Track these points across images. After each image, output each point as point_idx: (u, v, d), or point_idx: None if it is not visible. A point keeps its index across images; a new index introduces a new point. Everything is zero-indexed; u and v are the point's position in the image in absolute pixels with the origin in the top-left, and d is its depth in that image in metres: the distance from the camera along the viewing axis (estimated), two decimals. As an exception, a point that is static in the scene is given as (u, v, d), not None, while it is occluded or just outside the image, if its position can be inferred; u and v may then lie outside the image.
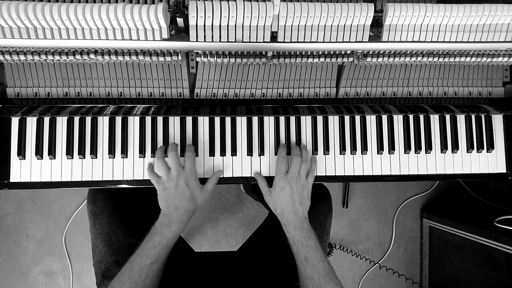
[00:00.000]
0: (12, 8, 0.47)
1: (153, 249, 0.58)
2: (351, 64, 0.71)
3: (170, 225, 0.60)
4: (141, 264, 0.56)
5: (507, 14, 0.52)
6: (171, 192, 0.63)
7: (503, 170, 0.76)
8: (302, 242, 0.61)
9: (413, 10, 0.51)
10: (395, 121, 0.75)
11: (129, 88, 0.68)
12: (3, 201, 1.33)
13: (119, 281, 0.55)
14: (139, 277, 0.55)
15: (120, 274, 0.56)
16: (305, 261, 0.59)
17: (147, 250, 0.58)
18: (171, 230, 0.60)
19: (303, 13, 0.50)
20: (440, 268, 1.36)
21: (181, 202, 0.62)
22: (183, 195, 0.63)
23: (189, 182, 0.64)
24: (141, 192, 0.78)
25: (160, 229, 0.60)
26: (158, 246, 0.58)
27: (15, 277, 1.34)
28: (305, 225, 0.63)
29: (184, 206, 0.62)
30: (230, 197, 1.41)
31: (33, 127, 0.68)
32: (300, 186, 0.66)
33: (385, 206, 1.47)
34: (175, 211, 0.62)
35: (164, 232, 0.60)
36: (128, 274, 0.56)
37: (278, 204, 0.66)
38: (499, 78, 0.75)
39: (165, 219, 0.61)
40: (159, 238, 0.59)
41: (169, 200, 0.63)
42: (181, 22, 0.52)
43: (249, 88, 0.71)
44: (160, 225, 0.61)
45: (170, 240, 0.60)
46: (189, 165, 0.65)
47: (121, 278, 0.56)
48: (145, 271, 0.56)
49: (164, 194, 0.64)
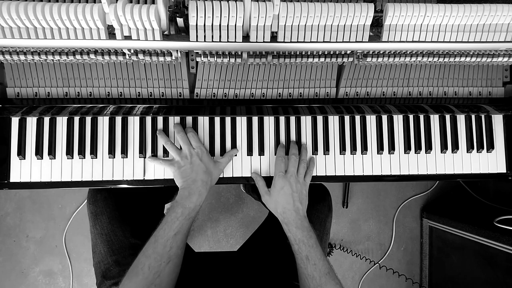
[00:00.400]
0: (12, 8, 0.47)
1: (176, 220, 0.59)
2: (351, 64, 0.71)
3: (190, 196, 0.62)
4: (165, 236, 0.57)
5: (507, 14, 0.52)
6: (187, 169, 0.65)
7: (503, 170, 0.76)
8: (303, 241, 0.61)
9: (413, 10, 0.51)
10: (395, 121, 0.75)
11: (129, 88, 0.68)
12: (3, 201, 1.33)
13: (144, 255, 0.56)
14: (163, 249, 0.56)
15: (144, 249, 0.57)
16: (306, 260, 0.59)
17: (170, 222, 0.59)
18: (191, 201, 0.62)
19: (303, 13, 0.50)
20: (440, 268, 1.36)
21: (198, 175, 0.64)
22: (199, 169, 0.65)
23: (203, 157, 0.66)
24: (141, 192, 0.78)
25: (180, 202, 0.61)
26: (181, 217, 0.59)
27: (15, 277, 1.34)
28: (306, 223, 0.64)
29: (201, 178, 0.64)
30: (230, 197, 1.41)
31: (33, 127, 0.68)
32: (299, 184, 0.67)
33: (385, 206, 1.47)
34: (193, 183, 0.63)
35: (185, 203, 0.61)
36: (153, 247, 0.57)
37: (278, 203, 0.66)
38: (499, 78, 0.75)
39: (184, 192, 0.63)
40: (181, 210, 0.60)
41: (186, 175, 0.65)
42: (181, 22, 0.52)
43: (249, 88, 0.71)
44: (180, 198, 0.62)
45: (191, 211, 0.61)
46: (195, 143, 0.67)
47: (147, 252, 0.56)
48: (169, 243, 0.57)
49: (180, 172, 0.65)
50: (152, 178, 0.70)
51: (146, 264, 0.55)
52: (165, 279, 0.56)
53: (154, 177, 0.70)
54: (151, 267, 0.55)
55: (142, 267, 0.55)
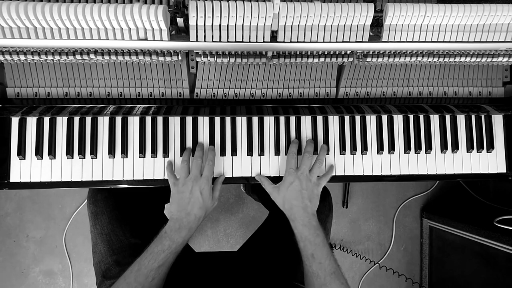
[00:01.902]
0: (12, 8, 0.47)
1: (162, 253, 0.58)
2: (351, 64, 0.71)
3: (180, 230, 0.61)
4: (149, 267, 0.57)
5: (507, 14, 0.52)
6: (185, 198, 0.63)
7: (503, 170, 0.76)
8: (309, 239, 0.60)
9: (413, 10, 0.51)
10: (395, 121, 0.75)
11: (129, 88, 0.68)
12: (3, 201, 1.33)
13: (125, 282, 0.56)
14: (145, 280, 0.56)
15: (126, 275, 0.57)
16: (312, 258, 0.59)
17: (155, 253, 0.58)
18: (180, 236, 0.61)
19: (303, 13, 0.50)
20: (440, 268, 1.36)
21: (192, 208, 0.63)
22: (196, 202, 0.63)
23: (203, 190, 0.64)
24: (141, 192, 0.78)
25: (170, 234, 0.60)
26: (167, 251, 0.59)
27: (15, 277, 1.34)
28: (314, 222, 0.63)
29: (195, 213, 0.63)
30: (230, 197, 1.41)
31: (33, 127, 0.68)
32: (310, 183, 0.66)
33: (385, 206, 1.47)
34: (186, 217, 0.62)
35: (174, 237, 0.60)
36: (135, 276, 0.56)
37: (286, 199, 0.65)
38: (499, 78, 0.75)
39: (175, 224, 0.62)
40: (168, 243, 0.59)
41: (182, 205, 0.63)
42: (181, 22, 0.52)
43: (249, 88, 0.71)
44: (170, 230, 0.61)
45: (178, 245, 0.60)
46: (207, 173, 0.66)
47: (128, 280, 0.56)
48: (152, 274, 0.56)
49: (177, 198, 0.64)
50: (152, 178, 0.70)
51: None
52: None
53: (154, 177, 0.70)
54: None
55: None
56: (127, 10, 0.48)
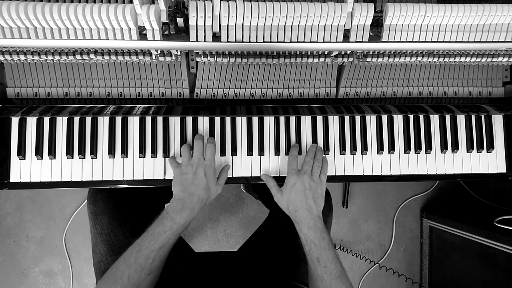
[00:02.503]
0: (12, 8, 0.47)
1: (163, 234, 0.57)
2: (351, 64, 0.71)
3: (182, 210, 0.60)
4: (149, 248, 0.56)
5: (507, 14, 0.52)
6: (188, 178, 0.63)
7: (503, 170, 0.76)
8: (315, 242, 0.59)
9: (413, 10, 0.51)
10: (395, 121, 0.75)
11: (129, 88, 0.68)
12: (3, 201, 1.33)
13: (125, 263, 0.55)
14: (146, 261, 0.55)
15: (126, 256, 0.56)
16: (317, 262, 0.58)
17: (156, 234, 0.57)
18: (183, 216, 0.60)
19: (303, 13, 0.50)
20: (440, 268, 1.36)
21: (196, 189, 0.62)
22: (200, 183, 0.63)
23: (207, 173, 0.64)
24: (141, 192, 0.78)
25: (172, 214, 0.59)
26: (168, 232, 0.58)
27: (15, 277, 1.34)
28: (319, 224, 0.62)
29: (198, 194, 0.62)
30: (230, 197, 1.41)
31: (33, 127, 0.68)
32: (314, 183, 0.65)
33: (385, 206, 1.47)
34: (189, 197, 0.61)
35: (176, 217, 0.59)
36: (135, 257, 0.55)
37: (290, 201, 0.64)
38: (499, 78, 0.75)
39: (177, 204, 0.61)
40: (170, 224, 0.58)
41: (185, 185, 0.62)
42: (181, 22, 0.52)
43: (249, 88, 0.71)
44: (172, 210, 0.60)
45: (180, 227, 0.59)
46: (209, 156, 0.66)
47: (128, 261, 0.55)
48: (152, 256, 0.55)
49: (180, 178, 0.63)
50: (152, 178, 0.70)
51: (126, 273, 0.53)
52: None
53: (154, 177, 0.70)
54: (131, 277, 0.53)
55: (122, 276, 0.53)
56: (126, 10, 0.48)
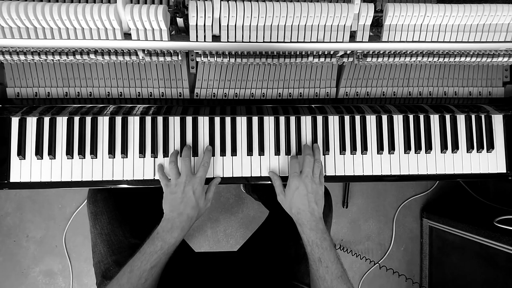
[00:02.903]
0: (12, 8, 0.47)
1: (154, 254, 0.58)
2: (351, 64, 0.71)
3: (172, 230, 0.61)
4: (141, 269, 0.56)
5: (507, 14, 0.52)
6: (177, 198, 0.63)
7: (503, 170, 0.76)
8: (317, 243, 0.60)
9: (413, 10, 0.51)
10: (395, 121, 0.75)
11: (129, 88, 0.68)
12: (3, 201, 1.33)
13: (118, 284, 0.56)
14: (138, 281, 0.55)
15: (119, 277, 0.57)
16: (319, 262, 0.59)
17: (148, 254, 0.58)
18: (173, 236, 0.60)
19: (303, 13, 0.50)
20: (440, 268, 1.36)
21: (185, 208, 0.63)
22: (188, 202, 0.63)
23: (196, 190, 0.64)
24: (141, 192, 0.78)
25: (162, 234, 0.60)
26: (159, 251, 0.58)
27: (15, 277, 1.34)
28: (321, 225, 0.63)
29: (187, 213, 0.63)
30: (230, 197, 1.41)
31: (33, 127, 0.68)
32: (315, 185, 0.66)
33: (385, 206, 1.47)
34: (178, 217, 0.62)
35: (166, 237, 0.60)
36: (128, 277, 0.56)
37: (293, 204, 0.65)
38: (499, 78, 0.75)
39: (167, 224, 0.62)
40: (160, 243, 0.59)
41: (174, 205, 0.63)
42: (181, 22, 0.52)
43: (249, 88, 0.71)
44: (162, 230, 0.61)
45: (171, 246, 0.60)
46: (201, 173, 0.66)
47: (120, 281, 0.56)
48: (145, 276, 0.56)
49: (170, 198, 0.64)
50: (152, 178, 0.70)
51: None
52: None
53: (154, 177, 0.70)
54: None
55: None
56: (126, 10, 0.48)
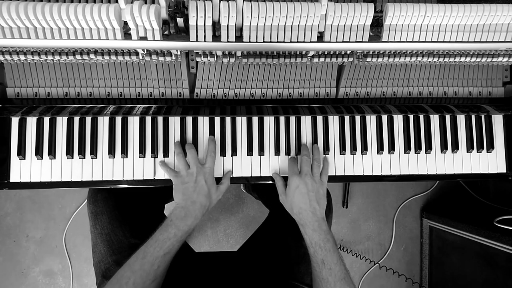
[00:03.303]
0: (12, 8, 0.47)
1: (168, 241, 0.58)
2: (351, 64, 0.71)
3: (186, 218, 0.61)
4: (154, 255, 0.57)
5: (507, 14, 0.52)
6: (190, 187, 0.64)
7: (503, 170, 0.76)
8: (320, 244, 0.60)
9: (413, 10, 0.51)
10: (395, 121, 0.75)
11: (129, 88, 0.68)
12: (3, 201, 1.33)
13: (130, 270, 0.56)
14: (151, 268, 0.56)
15: (131, 263, 0.57)
16: (322, 264, 0.58)
17: (161, 241, 0.58)
18: (186, 224, 0.61)
19: (303, 13, 0.50)
20: (440, 268, 1.36)
21: (198, 197, 0.63)
22: (201, 190, 0.64)
23: (208, 180, 0.65)
24: (141, 192, 0.78)
25: (175, 222, 0.61)
26: (173, 238, 0.59)
27: (15, 277, 1.34)
28: (324, 226, 0.62)
29: (200, 201, 0.63)
30: (230, 197, 1.41)
31: (33, 127, 0.68)
32: (315, 183, 0.66)
33: (385, 206, 1.47)
34: (192, 205, 0.63)
35: (180, 225, 0.60)
36: (141, 263, 0.56)
37: (294, 204, 0.65)
38: (499, 78, 0.75)
39: (181, 212, 0.62)
40: (174, 231, 0.60)
41: (187, 193, 0.64)
42: (181, 22, 0.52)
43: (249, 88, 0.71)
44: (175, 218, 0.61)
45: (184, 233, 0.61)
46: (209, 163, 0.67)
47: (133, 267, 0.56)
48: (158, 262, 0.56)
49: (182, 188, 0.65)
50: (152, 178, 0.70)
51: (131, 279, 0.54)
52: None
53: (154, 177, 0.70)
54: (136, 283, 0.54)
55: (127, 282, 0.54)
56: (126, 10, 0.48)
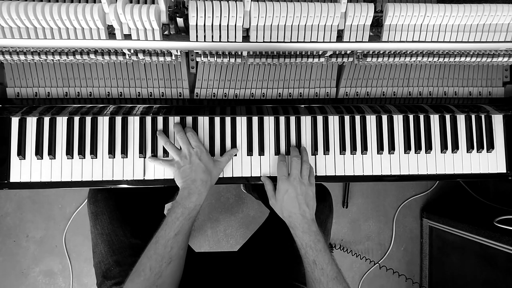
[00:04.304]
0: (12, 8, 0.47)
1: (176, 221, 0.59)
2: (351, 64, 0.71)
3: (190, 196, 0.62)
4: (166, 237, 0.58)
5: (507, 14, 0.52)
6: (186, 169, 0.65)
7: (503, 170, 0.76)
8: (310, 245, 0.60)
9: (413, 10, 0.51)
10: (395, 121, 0.75)
11: (129, 88, 0.68)
12: (3, 201, 1.33)
13: (145, 257, 0.57)
14: (164, 250, 0.57)
15: (146, 251, 0.57)
16: (314, 264, 0.59)
17: (170, 222, 0.59)
18: (191, 201, 0.62)
19: (303, 13, 0.50)
20: (440, 268, 1.36)
21: (197, 174, 0.64)
22: (198, 168, 0.65)
23: (202, 157, 0.66)
24: (142, 192, 0.78)
25: (180, 201, 0.62)
26: (181, 217, 0.60)
27: (15, 277, 1.34)
28: (314, 227, 0.63)
29: (200, 177, 0.64)
30: (230, 197, 1.41)
31: (33, 127, 0.68)
32: (304, 186, 0.66)
33: (385, 206, 1.47)
34: (193, 183, 0.64)
35: (185, 203, 0.61)
36: (154, 248, 0.57)
37: (284, 207, 0.66)
38: (499, 78, 0.75)
39: (184, 192, 0.63)
40: (181, 210, 0.61)
41: (186, 175, 0.65)
42: (181, 22, 0.52)
43: (249, 88, 0.71)
44: (180, 198, 0.62)
45: (192, 211, 0.61)
46: (195, 142, 0.68)
47: (148, 254, 0.57)
48: (170, 244, 0.57)
49: (179, 172, 0.66)
50: (152, 178, 0.70)
51: (147, 265, 0.55)
52: (167, 280, 0.56)
53: (154, 177, 0.70)
54: (152, 268, 0.55)
55: (144, 268, 0.55)
56: (126, 10, 0.48)
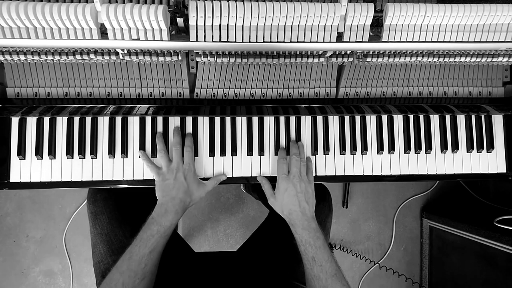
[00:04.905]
0: (12, 8, 0.47)
1: (151, 238, 0.59)
2: (351, 64, 0.71)
3: (166, 214, 0.62)
4: (140, 254, 0.57)
5: (507, 14, 0.52)
6: (169, 184, 0.64)
7: (503, 170, 0.76)
8: (310, 242, 0.61)
9: (413, 10, 0.51)
10: (395, 121, 0.75)
11: (129, 88, 0.68)
12: (3, 201, 1.33)
13: (117, 272, 0.56)
14: (138, 266, 0.56)
15: (118, 265, 0.57)
16: (313, 261, 0.59)
17: (145, 239, 0.59)
18: (167, 219, 0.61)
19: (303, 13, 0.50)
20: (440, 268, 1.36)
21: (178, 193, 0.64)
22: (180, 187, 0.64)
23: (187, 176, 0.66)
24: (141, 192, 0.78)
25: (157, 219, 0.61)
26: (156, 235, 0.59)
27: (15, 277, 1.34)
28: (313, 224, 0.63)
29: (180, 197, 0.64)
30: (230, 197, 1.41)
31: (33, 127, 0.68)
32: (303, 184, 0.66)
33: (385, 206, 1.47)
34: (171, 201, 0.63)
35: (161, 221, 0.61)
36: (127, 264, 0.56)
37: (284, 205, 0.66)
38: (499, 78, 0.75)
39: (161, 208, 0.63)
40: (156, 227, 0.60)
41: (166, 190, 0.64)
42: (181, 22, 0.52)
43: (249, 88, 0.71)
44: (157, 215, 0.62)
45: (167, 229, 0.61)
46: (188, 160, 0.67)
47: (120, 269, 0.56)
48: (144, 260, 0.56)
49: (162, 185, 0.65)
50: (152, 178, 0.70)
51: (120, 281, 0.54)
52: None
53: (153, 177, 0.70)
54: (125, 283, 0.54)
55: (116, 284, 0.54)
56: (126, 10, 0.48)
